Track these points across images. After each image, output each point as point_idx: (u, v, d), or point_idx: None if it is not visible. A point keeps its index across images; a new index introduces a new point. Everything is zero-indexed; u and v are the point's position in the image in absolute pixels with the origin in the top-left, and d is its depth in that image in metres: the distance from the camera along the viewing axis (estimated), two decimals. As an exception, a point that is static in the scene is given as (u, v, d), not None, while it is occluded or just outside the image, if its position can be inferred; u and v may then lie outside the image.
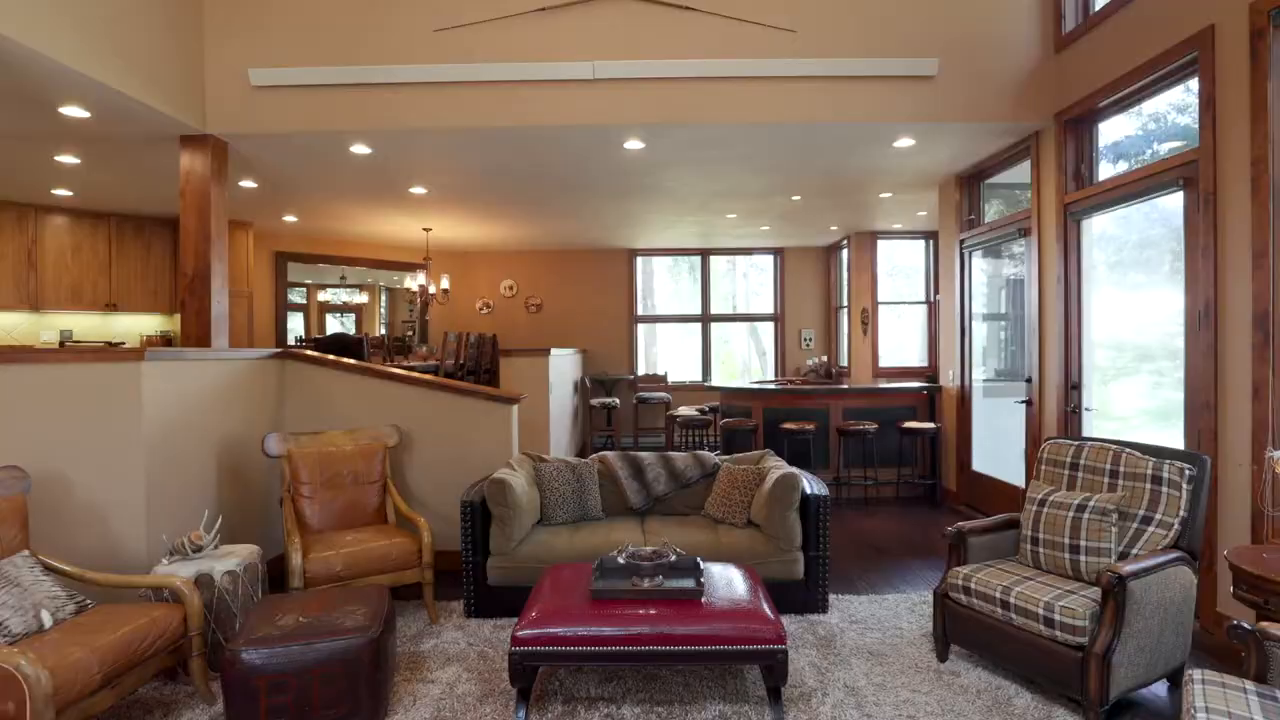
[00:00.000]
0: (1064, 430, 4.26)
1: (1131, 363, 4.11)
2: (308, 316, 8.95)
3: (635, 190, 6.12)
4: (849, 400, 6.11)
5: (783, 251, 9.56)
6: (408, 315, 9.19)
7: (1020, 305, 5.74)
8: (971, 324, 5.53)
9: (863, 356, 8.42)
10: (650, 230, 8.17)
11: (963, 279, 5.59)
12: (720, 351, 10.55)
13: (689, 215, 7.29)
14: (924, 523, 5.21)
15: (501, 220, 7.50)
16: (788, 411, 6.14)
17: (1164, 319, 3.70)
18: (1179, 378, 3.39)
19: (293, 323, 8.83)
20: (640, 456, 4.04)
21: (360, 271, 8.74)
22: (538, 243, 8.94)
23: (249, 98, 4.14)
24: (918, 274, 8.89)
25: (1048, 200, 4.42)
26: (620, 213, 7.12)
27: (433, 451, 4.17)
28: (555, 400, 6.40)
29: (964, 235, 5.53)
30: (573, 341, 9.28)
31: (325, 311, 9.36)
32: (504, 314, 9.41)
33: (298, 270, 8.33)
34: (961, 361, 5.60)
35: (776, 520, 3.35)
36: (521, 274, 9.42)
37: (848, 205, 6.85)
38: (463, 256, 9.36)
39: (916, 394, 6.14)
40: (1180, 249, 3.42)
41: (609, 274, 9.46)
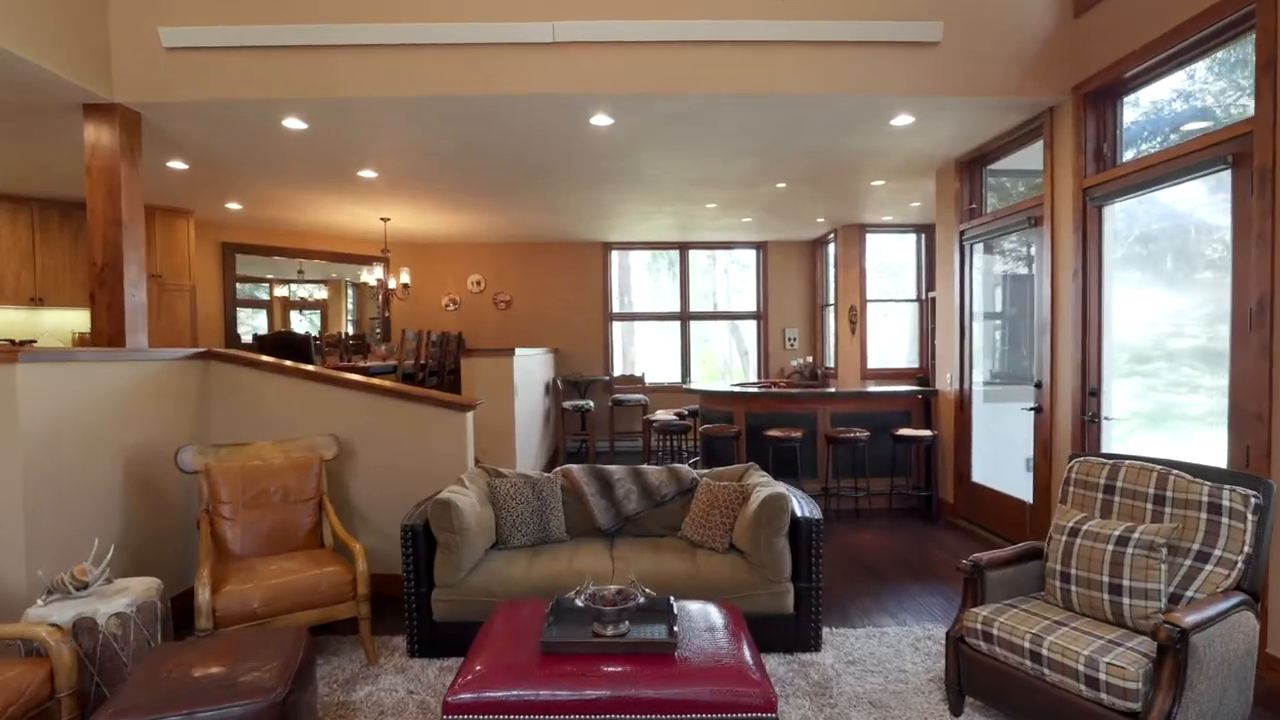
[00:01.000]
0: (1080, 441, 3.87)
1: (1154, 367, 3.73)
2: (271, 314, 8.38)
3: (608, 177, 5.66)
4: (838, 405, 5.70)
5: (766, 246, 9.15)
6: (375, 312, 8.64)
7: (1029, 302, 5.37)
8: (972, 323, 5.14)
9: (850, 357, 8.04)
10: (625, 222, 7.71)
11: (963, 274, 5.20)
12: (700, 351, 10.13)
13: (666, 205, 6.84)
14: (920, 538, 4.81)
15: (466, 210, 6.99)
16: (772, 417, 5.72)
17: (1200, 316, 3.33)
18: (1219, 385, 3.01)
19: (256, 320, 8.26)
20: (609, 471, 3.58)
21: (322, 266, 8.18)
22: (506, 235, 8.44)
23: (161, 61, 3.61)
24: (906, 270, 8.53)
25: (1063, 184, 4.03)
26: (593, 203, 6.65)
27: (378, 464, 3.68)
28: (523, 404, 5.92)
29: (964, 226, 5.15)
30: (544, 340, 8.80)
31: (289, 308, 8.79)
32: (471, 311, 8.89)
33: (252, 264, 7.75)
34: (961, 364, 5.21)
35: (763, 547, 2.91)
36: (489, 268, 8.91)
37: (836, 194, 6.45)
38: (426, 249, 8.83)
39: (910, 398, 5.75)
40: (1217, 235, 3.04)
41: (582, 269, 8.99)
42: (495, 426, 5.38)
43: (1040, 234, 4.26)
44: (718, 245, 9.23)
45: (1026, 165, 5.31)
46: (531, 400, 6.54)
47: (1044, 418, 4.21)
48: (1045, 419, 4.19)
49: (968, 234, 5.11)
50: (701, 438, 5.68)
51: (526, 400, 6.20)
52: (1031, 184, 4.99)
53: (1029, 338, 5.34)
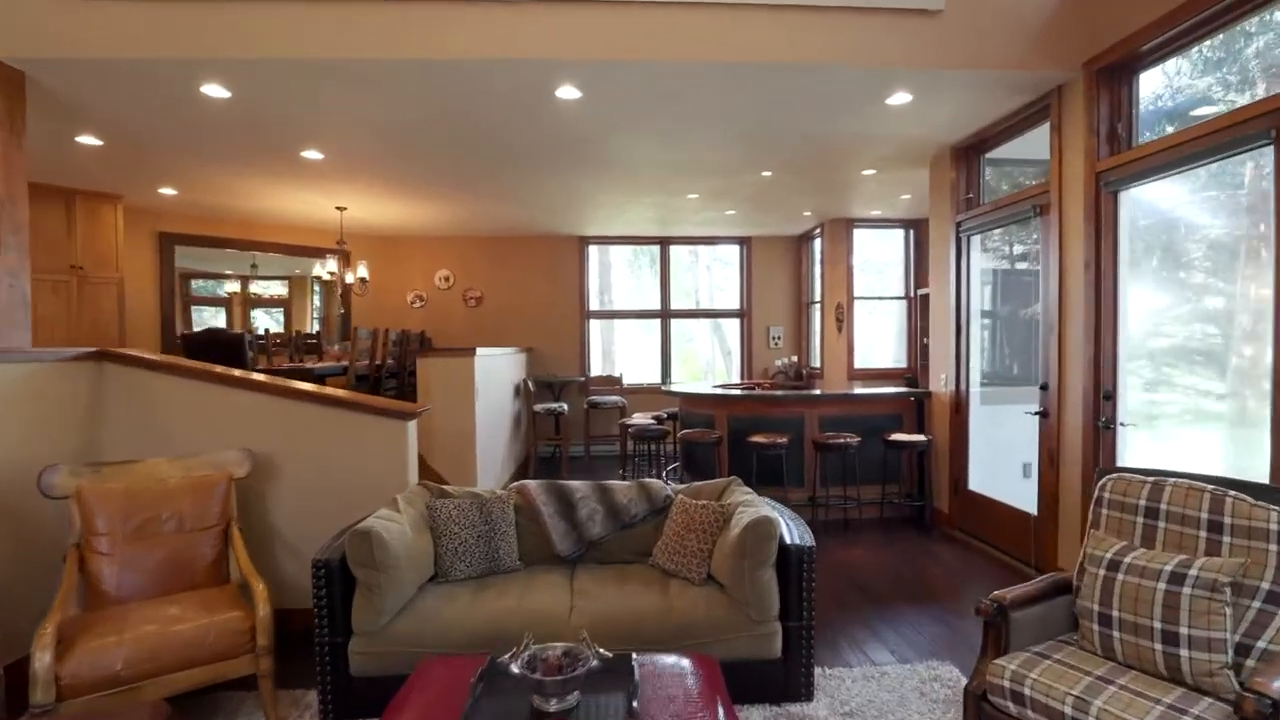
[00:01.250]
0: (1092, 449, 3.50)
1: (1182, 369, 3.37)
2: (230, 312, 7.83)
3: (581, 162, 5.21)
4: (826, 408, 5.30)
5: (749, 241, 8.75)
6: (337, 309, 8.10)
7: (1032, 298, 5.02)
8: (969, 321, 4.77)
9: (837, 357, 7.66)
10: (603, 214, 7.26)
11: (959, 269, 4.83)
12: (682, 350, 9.72)
13: (645, 196, 6.41)
14: (915, 552, 4.43)
15: (430, 200, 6.51)
16: (756, 421, 5.31)
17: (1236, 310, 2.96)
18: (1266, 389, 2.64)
19: (216, 319, 7.72)
20: (570, 488, 3.14)
21: (280, 260, 7.62)
22: (476, 228, 7.95)
23: (47, 8, 3.10)
24: (892, 268, 8.17)
25: (1073, 170, 3.65)
26: (567, 192, 6.20)
27: (306, 482, 3.21)
28: (486, 408, 5.45)
29: (961, 217, 4.77)
30: (517, 339, 8.32)
31: (249, 306, 8.24)
32: (439, 308, 8.39)
33: (200, 257, 7.19)
34: (957, 364, 4.84)
35: (746, 580, 2.49)
36: (458, 263, 8.41)
37: (825, 185, 6.06)
38: (390, 243, 8.31)
39: (902, 401, 5.37)
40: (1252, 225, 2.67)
41: (558, 264, 8.52)
42: (454, 433, 4.91)
43: (1046, 224, 3.89)
44: (700, 240, 8.81)
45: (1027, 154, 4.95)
46: (497, 404, 6.07)
47: (1050, 423, 3.84)
48: (1052, 424, 3.82)
49: (965, 226, 4.74)
50: (680, 444, 5.25)
51: (491, 404, 5.74)
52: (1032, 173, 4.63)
53: (1032, 336, 4.98)
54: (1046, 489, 3.86)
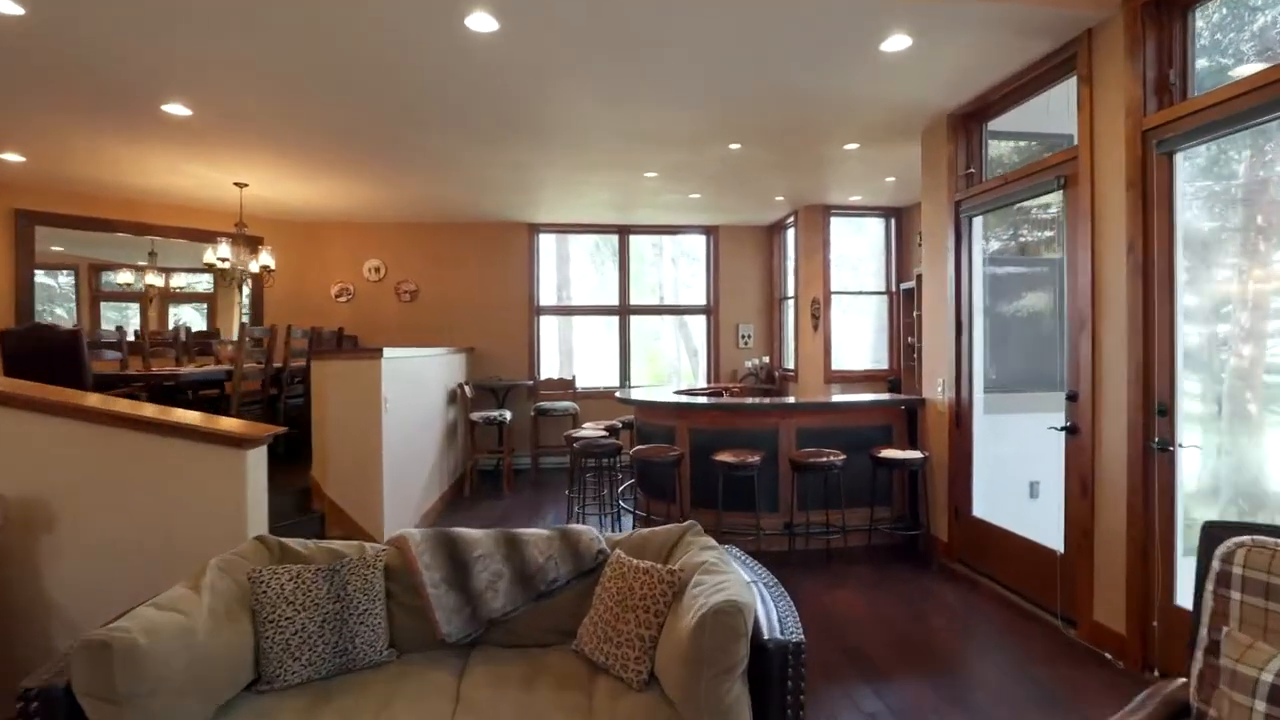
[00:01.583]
0: (1141, 476, 2.78)
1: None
2: (145, 309, 6.79)
3: (513, 125, 4.36)
4: (803, 418, 4.54)
5: (716, 231, 7.98)
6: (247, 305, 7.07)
7: (1054, 289, 4.35)
8: (973, 317, 4.05)
9: (813, 357, 6.94)
10: (551, 196, 6.41)
11: (959, 256, 4.10)
12: (647, 350, 8.92)
13: (597, 174, 5.58)
14: (912, 594, 3.69)
15: (349, 178, 5.58)
16: (723, 434, 4.53)
17: None
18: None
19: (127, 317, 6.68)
20: (467, 542, 2.29)
21: (189, 249, 6.57)
22: (411, 212, 7.03)
23: None
24: (867, 262, 7.48)
25: (1109, 129, 2.93)
26: (505, 166, 5.34)
27: (99, 536, 2.31)
28: (404, 420, 4.57)
29: (961, 196, 4.05)
30: (457, 337, 7.43)
31: (171, 301, 7.19)
32: (368, 302, 7.44)
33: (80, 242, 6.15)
34: (957, 367, 4.11)
35: (701, 698, 1.68)
36: (391, 252, 7.47)
37: (800, 163, 5.30)
38: (311, 228, 7.33)
39: (891, 410, 4.63)
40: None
41: (504, 254, 7.64)
42: (355, 455, 4.02)
43: (1074, 197, 3.17)
44: (663, 230, 8.01)
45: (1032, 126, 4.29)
46: (423, 413, 5.18)
47: (1081, 441, 3.12)
48: (1084, 443, 3.10)
49: (966, 206, 4.02)
50: (633, 463, 4.43)
51: (413, 414, 4.85)
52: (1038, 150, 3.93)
53: (1052, 334, 4.29)
54: (1076, 522, 3.15)
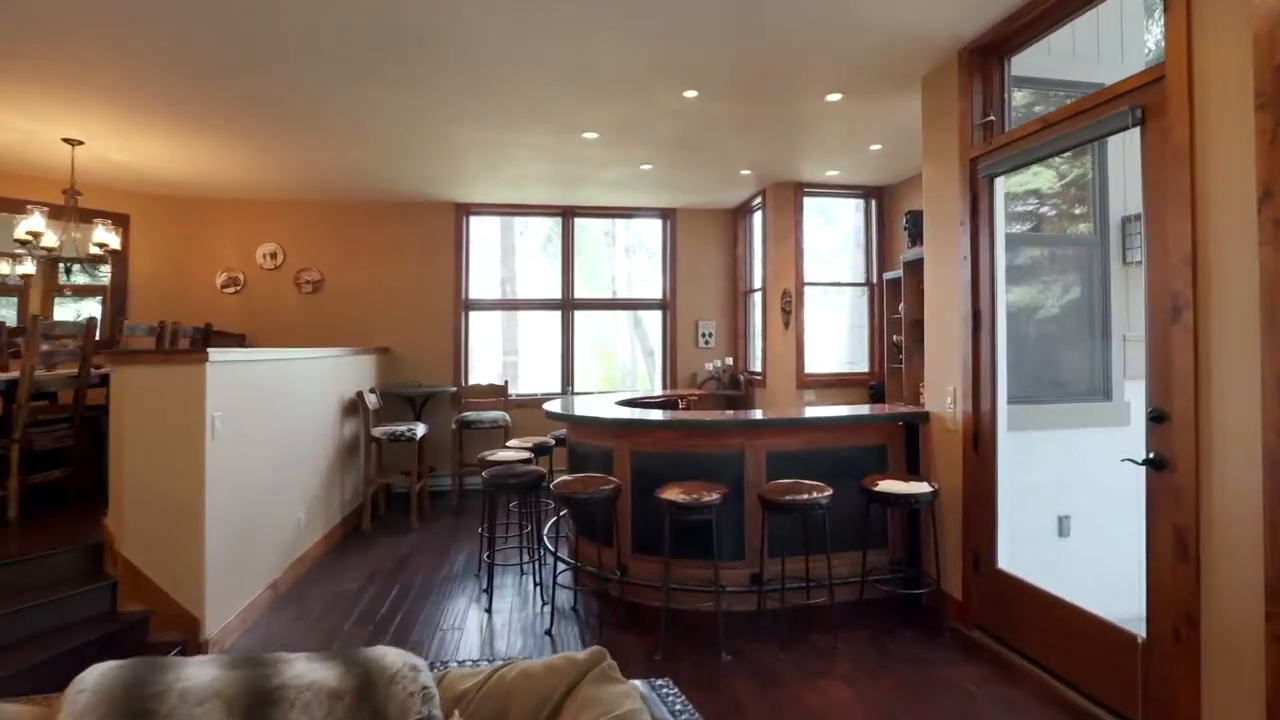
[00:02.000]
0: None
1: None
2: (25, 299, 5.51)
3: (413, 58, 3.29)
4: (776, 438, 3.56)
5: (674, 214, 6.99)
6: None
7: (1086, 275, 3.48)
8: (996, 307, 3.11)
9: (783, 359, 5.99)
10: (479, 165, 5.32)
11: (976, 229, 3.16)
12: (601, 351, 7.88)
13: (526, 132, 4.52)
14: (926, 685, 2.72)
15: (229, 139, 4.44)
16: (673, 460, 3.52)
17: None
18: None
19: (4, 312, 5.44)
20: (170, 692, 1.21)
21: None
22: (317, 188, 5.87)
23: None
24: (838, 254, 6.58)
25: (1219, 31, 2.00)
26: (415, 120, 4.25)
27: None
28: (253, 444, 3.46)
29: (979, 152, 3.11)
30: (368, 335, 6.29)
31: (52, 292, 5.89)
32: (263, 294, 6.24)
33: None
34: (974, 373, 3.17)
35: None
36: (289, 235, 6.29)
37: (771, 122, 4.32)
38: (191, 205, 6.11)
39: (886, 427, 3.68)
40: None
41: (427, 239, 6.52)
42: (164, 498, 2.89)
43: (1160, 135, 2.24)
44: (614, 213, 6.98)
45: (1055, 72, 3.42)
46: (288, 435, 4.05)
47: (1175, 480, 2.18)
48: (1180, 483, 2.16)
49: (986, 164, 3.08)
50: (556, 499, 3.38)
51: (270, 436, 3.73)
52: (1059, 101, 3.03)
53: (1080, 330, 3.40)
54: (1170, 596, 2.21)
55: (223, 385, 3.09)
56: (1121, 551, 3.70)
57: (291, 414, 4.04)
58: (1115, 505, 3.68)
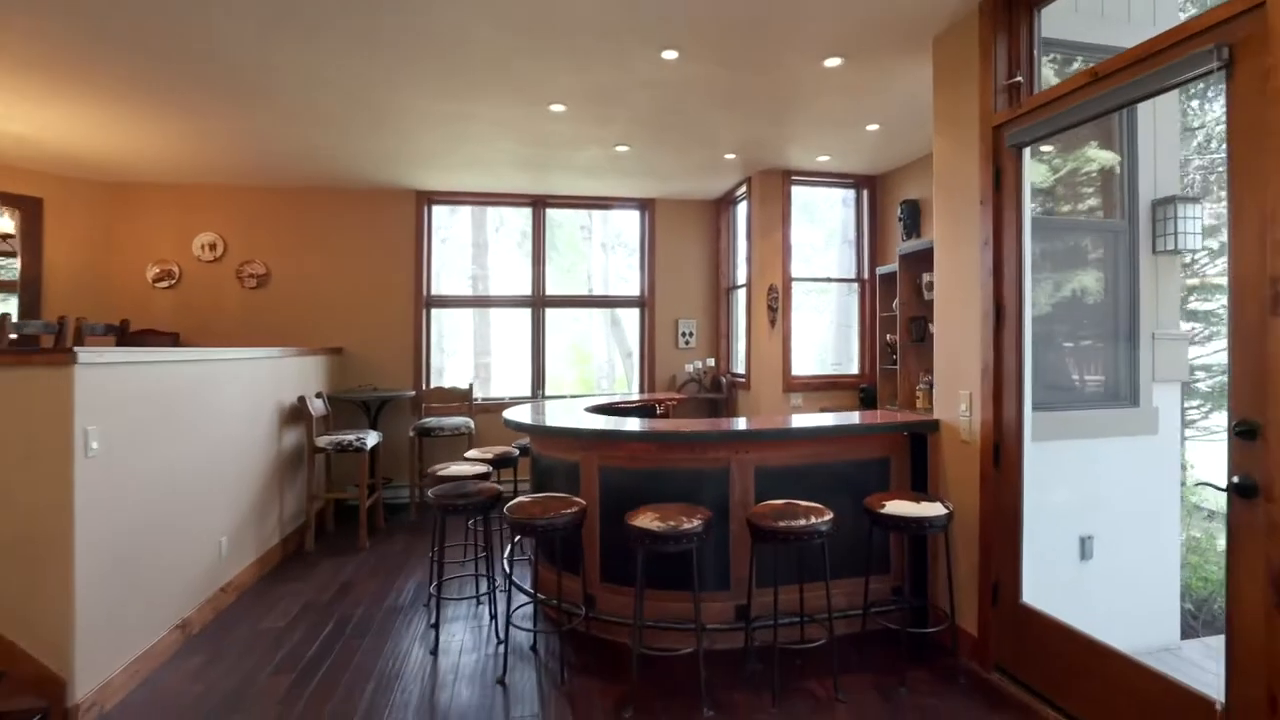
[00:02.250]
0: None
1: None
2: None
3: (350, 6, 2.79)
4: (766, 451, 3.10)
5: (653, 205, 6.52)
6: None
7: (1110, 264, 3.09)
8: (1022, 299, 2.67)
9: (769, 360, 5.55)
10: (440, 146, 4.82)
11: (999, 209, 2.73)
12: (578, 352, 7.38)
13: (486, 104, 4.03)
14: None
15: (155, 112, 3.90)
16: (648, 478, 3.05)
17: None
18: None
19: None
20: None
21: None
22: (262, 172, 5.32)
23: None
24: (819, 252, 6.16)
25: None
26: (359, 86, 3.75)
27: None
28: (151, 465, 2.93)
29: (1006, 118, 2.68)
30: (321, 335, 5.75)
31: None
32: (200, 289, 5.67)
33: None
34: (996, 376, 2.74)
35: None
36: (231, 224, 5.72)
37: (760, 94, 3.87)
38: (117, 190, 5.53)
39: (889, 439, 3.24)
40: None
41: (385, 229, 5.99)
42: (16, 535, 2.36)
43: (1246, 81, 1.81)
44: (589, 203, 6.50)
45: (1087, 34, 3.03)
46: (212, 450, 3.52)
47: (1272, 510, 1.75)
48: (1278, 513, 1.73)
49: (1014, 132, 2.64)
50: (511, 527, 2.88)
51: (179, 453, 3.20)
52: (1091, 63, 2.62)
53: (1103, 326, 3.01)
54: (1260, 653, 1.78)
55: (103, 391, 2.57)
56: (1151, 575, 3.31)
57: (212, 424, 3.50)
58: (1144, 523, 3.28)
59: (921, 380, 4.73)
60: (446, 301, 6.30)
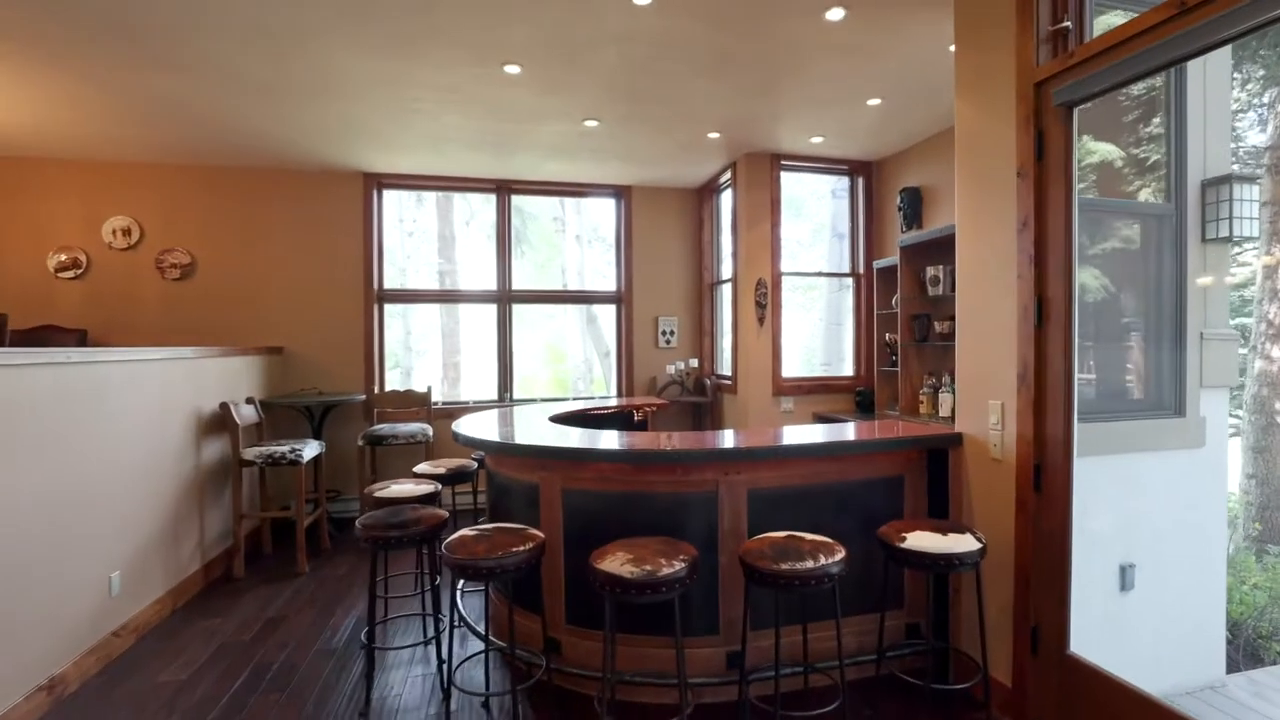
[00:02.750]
0: None
1: None
2: None
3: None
4: (760, 471, 2.62)
5: (629, 193, 6.02)
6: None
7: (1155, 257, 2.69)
8: (1071, 291, 2.22)
9: (757, 360, 5.09)
10: (380, 115, 4.26)
11: (1042, 184, 2.27)
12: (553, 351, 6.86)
13: (427, 61, 3.49)
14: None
15: (56, 73, 3.27)
16: (621, 503, 2.56)
17: None
18: None
19: None
20: None
21: None
22: (186, 148, 4.70)
23: None
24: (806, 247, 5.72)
25: None
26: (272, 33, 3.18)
27: None
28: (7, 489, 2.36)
29: (1052, 71, 2.22)
30: (258, 333, 5.15)
31: None
32: (113, 280, 5.03)
33: None
34: (1037, 383, 2.29)
35: None
36: (150, 207, 5.09)
37: (750, 56, 3.38)
38: (11, 166, 4.86)
39: (904, 454, 2.77)
40: None
41: (329, 215, 5.40)
42: None
43: None
44: (559, 189, 5.97)
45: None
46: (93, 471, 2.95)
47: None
48: None
49: (1063, 87, 2.19)
50: (452, 569, 2.35)
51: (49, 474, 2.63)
52: None
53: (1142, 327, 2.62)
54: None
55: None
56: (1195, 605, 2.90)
57: (100, 439, 2.92)
58: (1187, 548, 2.87)
59: (925, 383, 4.30)
60: (400, 296, 5.73)
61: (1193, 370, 2.79)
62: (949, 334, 4.21)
